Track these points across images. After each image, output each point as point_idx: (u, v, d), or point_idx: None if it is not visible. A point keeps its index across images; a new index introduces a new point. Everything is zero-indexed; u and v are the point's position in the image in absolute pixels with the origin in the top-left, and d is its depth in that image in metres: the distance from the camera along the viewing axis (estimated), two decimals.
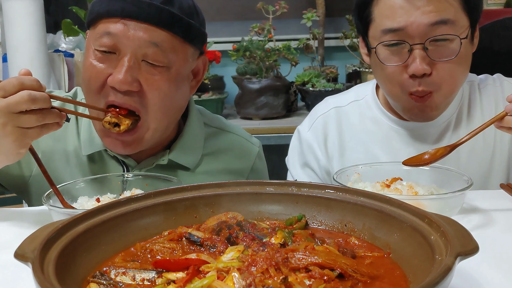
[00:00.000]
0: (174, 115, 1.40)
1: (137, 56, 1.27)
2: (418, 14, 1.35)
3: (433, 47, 1.37)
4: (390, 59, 1.42)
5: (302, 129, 1.70)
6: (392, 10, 1.39)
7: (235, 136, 1.60)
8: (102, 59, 1.28)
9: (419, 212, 0.80)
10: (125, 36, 1.25)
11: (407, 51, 1.38)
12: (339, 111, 1.66)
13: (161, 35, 1.27)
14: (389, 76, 1.44)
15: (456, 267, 0.64)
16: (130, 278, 0.76)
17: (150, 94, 1.29)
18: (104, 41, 1.26)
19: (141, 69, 1.28)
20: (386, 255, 0.83)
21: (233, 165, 1.56)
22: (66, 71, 2.86)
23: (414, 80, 1.40)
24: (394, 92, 1.47)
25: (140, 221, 0.92)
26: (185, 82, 1.37)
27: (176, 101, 1.36)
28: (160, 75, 1.29)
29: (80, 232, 0.81)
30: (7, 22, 2.57)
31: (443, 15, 1.35)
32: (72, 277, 0.74)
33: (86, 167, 1.44)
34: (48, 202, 1.15)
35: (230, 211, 0.97)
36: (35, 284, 0.63)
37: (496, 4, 2.88)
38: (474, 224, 1.17)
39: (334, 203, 0.94)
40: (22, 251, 0.72)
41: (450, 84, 1.42)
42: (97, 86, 1.29)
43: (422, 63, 1.37)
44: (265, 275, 0.71)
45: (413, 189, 1.22)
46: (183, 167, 1.47)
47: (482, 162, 1.54)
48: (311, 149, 1.66)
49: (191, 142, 1.48)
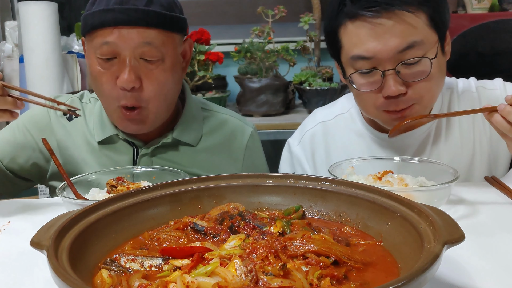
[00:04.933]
0: (172, 97, 1.47)
1: (135, 56, 1.34)
2: (386, 42, 1.29)
3: (405, 69, 1.32)
4: (365, 86, 1.37)
5: (292, 143, 1.72)
6: (358, 38, 1.33)
7: (230, 117, 1.67)
8: (106, 65, 1.36)
9: (409, 203, 0.80)
10: (121, 42, 1.32)
11: (380, 76, 1.33)
12: (325, 125, 1.66)
13: (151, 33, 1.34)
14: (366, 100, 1.40)
15: (443, 254, 0.64)
16: (139, 265, 0.76)
17: (150, 87, 1.37)
18: (104, 50, 1.34)
19: (140, 66, 1.36)
20: (378, 243, 0.83)
21: (230, 142, 1.63)
22: (79, 71, 2.86)
23: (389, 100, 1.35)
24: (372, 112, 1.43)
25: (148, 211, 0.92)
26: (177, 67, 1.45)
27: (173, 85, 1.44)
28: (157, 68, 1.37)
29: (92, 221, 0.81)
30: (24, 25, 2.57)
31: (410, 39, 1.29)
32: (84, 264, 0.74)
33: (98, 152, 1.52)
34: (62, 193, 1.15)
35: (232, 202, 0.97)
36: (49, 270, 0.63)
37: (481, 9, 2.87)
38: (460, 214, 1.17)
39: (330, 194, 0.94)
40: (37, 240, 0.72)
41: (428, 97, 1.37)
42: (108, 89, 1.38)
43: (396, 85, 1.31)
44: (265, 262, 0.71)
45: (403, 182, 1.21)
46: (186, 144, 1.55)
47: (463, 159, 1.52)
48: (299, 162, 1.68)
49: (191, 123, 1.56)
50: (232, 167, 1.62)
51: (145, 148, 1.51)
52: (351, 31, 1.34)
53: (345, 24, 1.35)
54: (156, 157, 1.53)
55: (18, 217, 1.24)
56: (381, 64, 1.32)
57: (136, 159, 1.52)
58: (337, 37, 1.39)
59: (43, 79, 2.57)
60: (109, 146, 1.52)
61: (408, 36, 1.29)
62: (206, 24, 3.27)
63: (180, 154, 1.55)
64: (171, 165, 1.48)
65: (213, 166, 1.58)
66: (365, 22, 1.31)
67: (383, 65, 1.32)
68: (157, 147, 1.52)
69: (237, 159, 1.63)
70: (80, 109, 1.56)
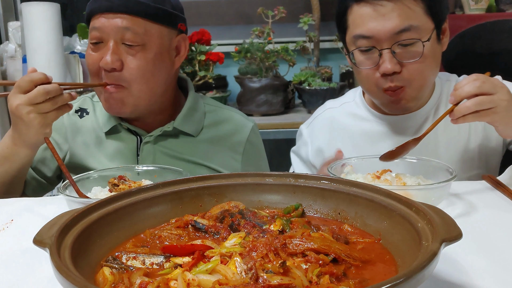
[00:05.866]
0: (156, 85, 1.53)
1: (117, 40, 1.45)
2: (384, 23, 1.41)
3: (399, 50, 1.43)
4: (364, 63, 1.49)
5: (302, 127, 1.85)
6: (361, 19, 1.45)
7: (232, 112, 1.75)
8: (95, 49, 1.48)
9: (407, 201, 0.80)
10: (106, 27, 1.45)
11: (378, 55, 1.44)
12: (332, 112, 1.78)
13: (131, 20, 1.44)
14: (365, 77, 1.51)
15: (441, 252, 0.64)
16: (140, 262, 0.76)
17: (129, 69, 1.46)
18: (93, 34, 1.47)
19: (122, 50, 1.46)
20: (377, 241, 0.83)
21: (231, 135, 1.69)
22: (81, 71, 2.86)
23: (385, 78, 1.46)
24: (371, 89, 1.53)
25: (150, 209, 0.92)
26: (164, 57, 1.52)
27: (156, 72, 1.51)
28: (138, 53, 1.46)
29: (94, 220, 0.81)
30: (27, 26, 2.56)
31: (407, 22, 1.40)
32: (86, 261, 0.74)
33: (104, 142, 1.61)
34: (64, 192, 1.15)
35: (232, 201, 0.97)
36: (52, 268, 0.63)
37: (479, 9, 2.86)
38: (458, 212, 1.17)
39: (329, 193, 0.94)
40: (40, 238, 0.72)
41: (420, 79, 1.46)
42: (94, 69, 1.49)
43: (391, 63, 1.42)
44: (265, 259, 0.71)
45: (401, 180, 1.21)
46: (187, 134, 1.62)
47: (459, 143, 1.58)
48: (304, 143, 1.79)
49: (192, 114, 1.63)
50: (232, 159, 1.67)
51: (147, 137, 1.59)
52: (356, 12, 1.47)
53: (351, 6, 1.48)
54: (158, 145, 1.60)
55: (21, 216, 1.24)
56: (379, 43, 1.43)
57: (140, 146, 1.59)
58: (344, 18, 1.52)
59: None
60: (115, 136, 1.62)
61: (405, 19, 1.40)
62: (207, 24, 3.27)
63: (181, 143, 1.62)
64: (172, 153, 1.58)
65: (213, 156, 1.63)
66: (368, 4, 1.44)
67: (380, 44, 1.43)
68: (159, 136, 1.59)
69: (237, 152, 1.68)
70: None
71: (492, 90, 1.22)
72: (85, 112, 1.66)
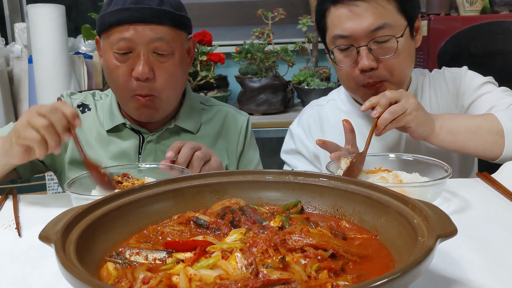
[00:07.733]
0: (180, 88, 1.57)
1: (149, 50, 1.43)
2: (360, 22, 1.46)
3: (375, 46, 1.48)
4: (343, 61, 1.54)
5: (292, 127, 1.86)
6: (339, 20, 1.49)
7: (226, 108, 1.77)
8: (122, 59, 1.44)
9: (403, 198, 0.80)
10: (137, 37, 1.41)
11: (355, 52, 1.49)
12: (320, 108, 1.81)
13: (163, 30, 1.43)
14: (345, 74, 1.56)
15: (436, 248, 0.64)
16: (143, 258, 0.76)
17: (162, 78, 1.45)
18: (121, 45, 1.42)
19: (153, 59, 1.44)
20: (374, 237, 0.83)
21: (227, 127, 1.72)
22: (86, 71, 2.86)
23: (364, 75, 1.50)
24: (351, 86, 1.58)
25: (152, 206, 0.92)
26: (184, 62, 1.55)
27: (181, 77, 1.54)
28: (168, 61, 1.46)
29: (98, 216, 0.81)
30: (32, 27, 2.56)
31: (381, 20, 1.45)
32: (91, 257, 0.74)
33: (106, 140, 1.60)
34: (69, 189, 1.14)
35: (233, 197, 0.97)
36: (57, 263, 0.63)
37: (473, 11, 2.86)
38: (453, 209, 1.17)
39: (327, 190, 0.94)
40: (46, 233, 0.72)
41: (397, 74, 1.51)
42: (124, 80, 1.45)
43: (368, 60, 1.47)
44: (265, 255, 0.71)
45: (398, 178, 1.21)
46: (187, 131, 1.63)
47: (440, 153, 1.56)
48: (300, 139, 1.79)
49: (190, 113, 1.65)
50: (229, 151, 1.70)
51: (150, 135, 1.59)
52: (333, 14, 1.52)
53: (329, 8, 1.53)
54: (160, 143, 1.60)
55: (26, 212, 1.24)
56: (356, 41, 1.48)
57: (142, 145, 1.60)
58: (323, 20, 1.56)
59: (51, 79, 2.57)
60: (116, 134, 1.61)
61: (379, 18, 1.46)
62: (208, 26, 3.27)
63: (182, 139, 1.59)
64: None
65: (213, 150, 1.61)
66: (344, 6, 1.48)
67: (358, 42, 1.48)
68: (161, 134, 1.60)
69: (233, 142, 1.72)
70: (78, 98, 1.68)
71: (400, 97, 1.32)
72: (87, 108, 1.65)
